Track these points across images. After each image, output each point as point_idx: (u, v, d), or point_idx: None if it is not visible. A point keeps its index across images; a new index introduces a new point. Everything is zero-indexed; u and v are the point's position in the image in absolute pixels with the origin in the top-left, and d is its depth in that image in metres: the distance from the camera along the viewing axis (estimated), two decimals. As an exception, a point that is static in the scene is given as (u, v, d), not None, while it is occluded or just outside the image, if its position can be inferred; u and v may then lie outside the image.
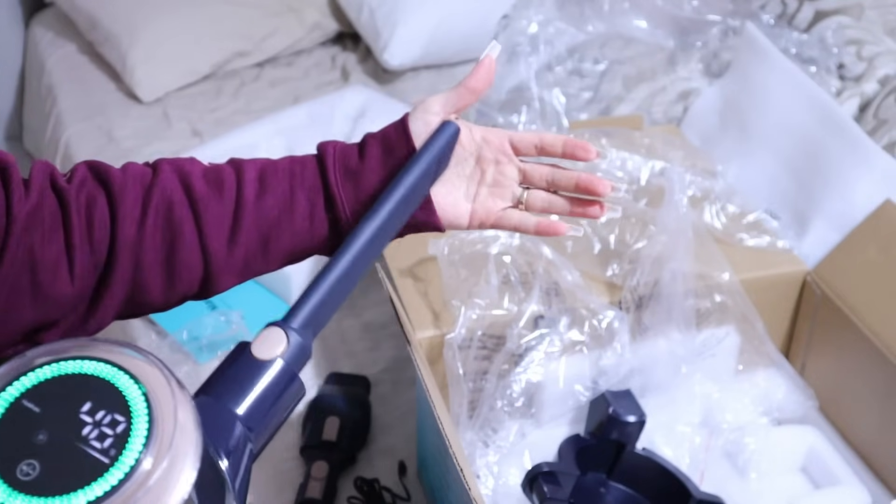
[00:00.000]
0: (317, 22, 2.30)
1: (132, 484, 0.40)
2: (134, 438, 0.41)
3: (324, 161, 0.78)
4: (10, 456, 0.40)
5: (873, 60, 1.58)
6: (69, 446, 0.41)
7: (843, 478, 1.12)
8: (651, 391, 1.13)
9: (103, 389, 0.43)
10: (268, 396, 0.56)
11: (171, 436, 0.41)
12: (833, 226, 1.25)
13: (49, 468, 0.40)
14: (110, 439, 0.41)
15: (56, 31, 2.40)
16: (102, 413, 0.42)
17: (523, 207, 0.82)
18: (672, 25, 1.76)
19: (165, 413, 0.42)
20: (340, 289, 0.66)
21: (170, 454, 0.41)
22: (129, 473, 0.40)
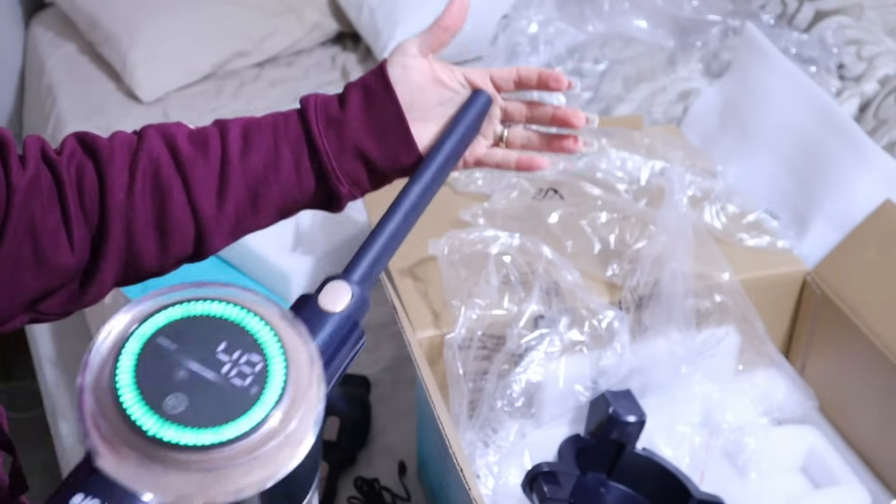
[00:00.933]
0: (317, 22, 2.30)
1: (275, 420, 0.41)
2: (273, 377, 0.43)
3: (306, 113, 0.80)
4: (156, 390, 0.41)
5: (873, 60, 1.58)
6: (212, 382, 0.42)
7: (843, 478, 1.12)
8: (651, 391, 1.13)
9: (235, 330, 0.44)
10: (335, 346, 0.58)
11: (307, 377, 0.43)
12: (833, 226, 1.25)
13: (195, 402, 0.41)
14: (251, 377, 0.43)
15: (56, 31, 2.40)
16: (239, 353, 0.43)
17: (504, 145, 0.85)
18: (672, 25, 1.76)
19: (298, 354, 0.44)
20: (391, 245, 0.70)
21: (306, 399, 0.43)
22: (273, 409, 0.42)
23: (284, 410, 0.42)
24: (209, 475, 0.41)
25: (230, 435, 0.41)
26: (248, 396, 0.42)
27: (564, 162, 1.30)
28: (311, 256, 1.50)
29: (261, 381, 0.43)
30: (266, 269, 1.50)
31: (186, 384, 0.42)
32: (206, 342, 0.44)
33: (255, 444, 0.41)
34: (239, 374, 0.43)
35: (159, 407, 0.41)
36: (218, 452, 0.40)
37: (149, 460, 0.40)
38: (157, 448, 0.40)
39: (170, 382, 0.42)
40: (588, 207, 1.22)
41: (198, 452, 0.40)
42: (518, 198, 1.26)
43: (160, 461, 0.40)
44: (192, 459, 0.40)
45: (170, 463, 0.40)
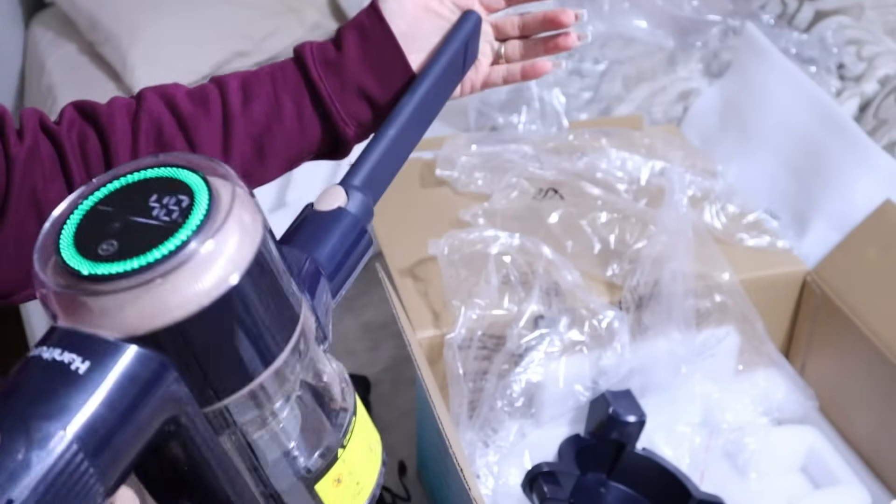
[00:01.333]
0: (317, 22, 2.30)
1: (196, 244, 0.44)
2: (198, 207, 0.45)
3: (303, 59, 0.80)
4: (91, 243, 0.45)
5: (873, 60, 1.58)
6: (140, 224, 0.45)
7: (843, 478, 1.12)
8: (651, 391, 1.13)
9: (170, 183, 0.47)
10: (335, 241, 0.60)
11: (228, 209, 0.45)
12: (833, 226, 1.25)
13: (125, 243, 0.44)
14: (176, 213, 0.45)
15: (56, 30, 2.40)
16: (167, 198, 0.46)
17: (503, 61, 0.86)
18: (672, 25, 1.76)
19: (222, 188, 0.47)
20: (393, 154, 0.72)
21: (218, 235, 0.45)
22: (194, 233, 0.44)
23: (208, 232, 0.44)
24: (148, 298, 0.43)
25: (156, 256, 0.43)
26: (173, 227, 0.45)
27: (565, 162, 1.30)
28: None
29: (185, 214, 0.45)
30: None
31: (118, 232, 0.45)
32: (140, 198, 0.47)
33: (184, 260, 0.43)
34: (167, 213, 0.46)
35: (94, 254, 0.44)
36: (148, 274, 0.43)
37: (93, 301, 0.43)
38: (97, 286, 0.43)
39: (104, 234, 0.45)
40: (588, 207, 1.22)
41: (130, 278, 0.43)
42: (518, 198, 1.26)
43: (103, 298, 0.43)
44: (128, 286, 0.43)
45: (112, 296, 0.43)
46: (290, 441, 0.52)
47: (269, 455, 0.52)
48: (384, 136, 0.72)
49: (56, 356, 0.43)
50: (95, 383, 0.42)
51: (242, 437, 0.50)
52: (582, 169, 1.30)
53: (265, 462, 0.52)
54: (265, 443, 0.51)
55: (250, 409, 0.49)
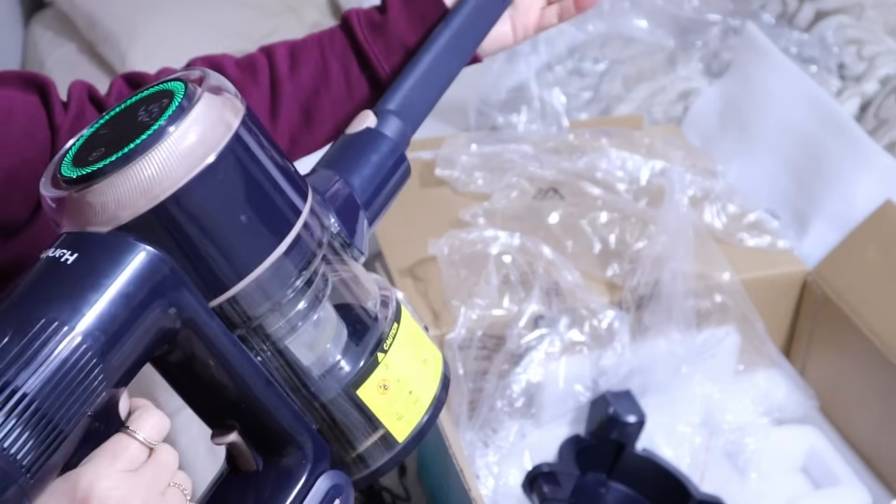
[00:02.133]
0: (317, 22, 2.30)
1: (166, 128, 0.46)
2: (174, 104, 0.48)
3: (349, 24, 0.80)
4: (85, 155, 0.48)
5: (874, 60, 1.57)
6: (126, 128, 0.48)
7: (844, 478, 1.12)
8: (651, 391, 1.13)
9: (157, 94, 0.50)
10: (363, 158, 0.61)
11: (197, 98, 0.48)
12: (833, 226, 1.25)
13: (112, 147, 0.47)
14: (156, 112, 0.48)
15: (55, 30, 2.40)
16: (153, 105, 0.49)
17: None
18: (672, 25, 1.76)
19: (197, 91, 0.49)
20: (430, 81, 0.72)
21: (186, 119, 0.47)
22: (164, 121, 0.47)
23: (176, 119, 0.47)
24: (124, 184, 0.46)
25: (129, 146, 0.46)
26: (148, 123, 0.47)
27: (565, 161, 1.30)
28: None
29: (161, 111, 0.48)
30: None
31: (107, 141, 0.48)
32: (131, 113, 0.50)
33: (152, 143, 0.46)
34: (147, 116, 0.48)
35: (86, 162, 0.47)
36: (122, 162, 0.46)
37: (80, 199, 0.46)
38: (83, 184, 0.46)
39: (95, 146, 0.48)
40: (588, 207, 1.22)
41: (108, 169, 0.46)
42: (518, 198, 1.26)
43: (87, 193, 0.46)
44: (105, 175, 0.46)
45: (94, 189, 0.46)
46: (323, 345, 0.52)
47: (303, 361, 0.52)
48: (418, 62, 0.72)
49: (50, 253, 0.46)
50: (80, 272, 0.45)
51: (273, 345, 0.50)
52: (582, 169, 1.30)
53: (300, 368, 0.52)
54: (297, 348, 0.52)
55: (263, 306, 0.50)
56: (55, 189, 0.48)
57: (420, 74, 0.71)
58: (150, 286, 0.46)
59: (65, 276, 0.45)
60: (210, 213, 0.47)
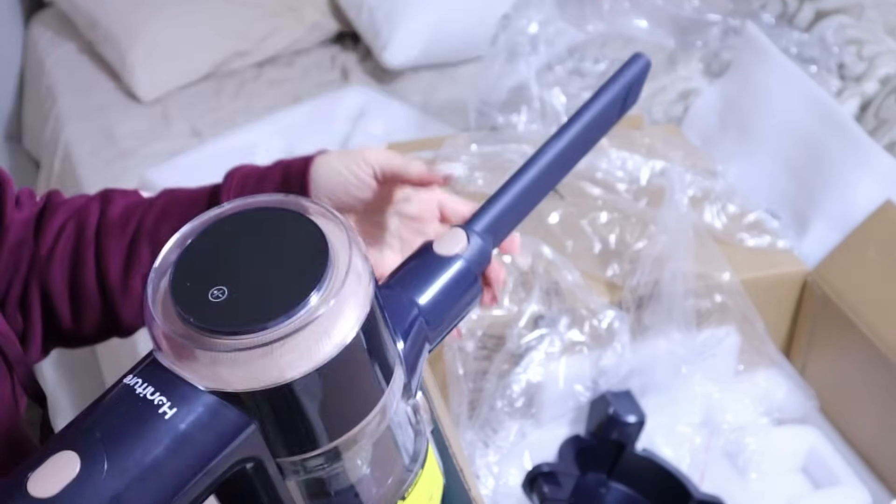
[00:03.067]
0: (317, 22, 2.30)
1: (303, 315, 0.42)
2: (316, 259, 0.44)
3: (220, 189, 0.79)
4: (195, 282, 0.44)
5: (874, 60, 1.57)
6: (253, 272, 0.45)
7: (844, 478, 1.12)
8: (651, 391, 1.13)
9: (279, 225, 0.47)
10: (446, 290, 0.57)
11: (342, 279, 0.44)
12: (833, 226, 1.25)
13: (235, 291, 0.44)
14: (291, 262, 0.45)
15: (55, 30, 2.40)
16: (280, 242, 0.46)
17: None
18: (672, 25, 1.76)
19: (340, 257, 0.45)
20: (524, 201, 0.69)
21: (339, 295, 0.43)
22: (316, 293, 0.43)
23: (320, 299, 0.43)
24: (249, 361, 0.42)
25: (277, 320, 0.42)
26: (290, 281, 0.44)
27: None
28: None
29: (303, 266, 0.44)
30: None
31: (228, 277, 0.45)
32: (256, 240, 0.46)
33: (290, 329, 0.42)
34: (281, 262, 0.45)
35: (204, 298, 0.44)
36: (264, 337, 0.42)
37: (200, 352, 0.43)
38: (207, 337, 0.43)
39: (209, 275, 0.45)
40: (588, 207, 1.22)
41: (243, 338, 0.42)
42: (518, 198, 1.25)
43: (210, 353, 0.43)
44: (240, 346, 0.42)
45: (221, 354, 0.43)
46: (352, 486, 0.51)
47: (331, 490, 0.51)
48: (519, 181, 0.68)
49: (148, 394, 0.43)
50: (177, 429, 0.42)
51: (307, 477, 0.49)
52: (582, 169, 1.30)
53: (325, 497, 0.51)
54: (329, 484, 0.50)
55: (322, 461, 0.48)
56: (167, 319, 0.44)
57: (520, 192, 0.68)
58: (233, 451, 0.44)
59: (162, 432, 0.42)
60: (324, 392, 0.44)
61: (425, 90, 2.09)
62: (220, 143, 1.76)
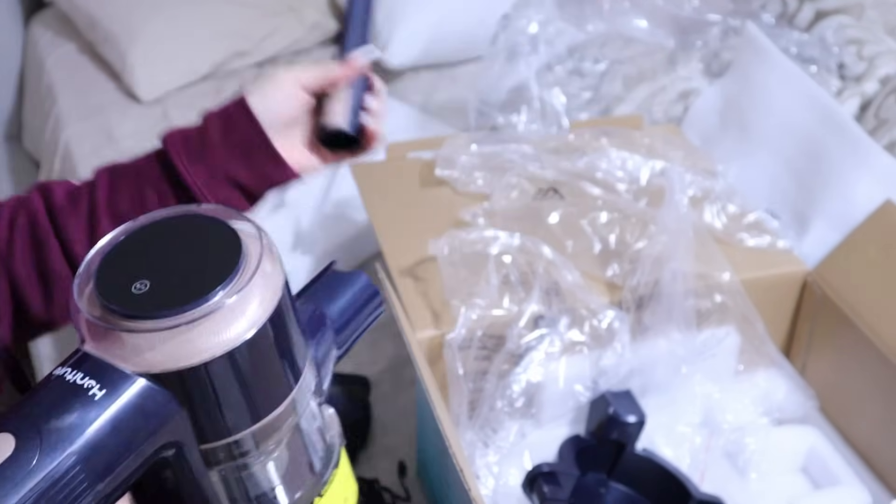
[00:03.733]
0: (317, 22, 2.30)
1: (223, 297, 0.47)
2: (232, 276, 0.49)
3: (168, 152, 0.83)
4: (126, 279, 0.49)
5: (874, 60, 1.57)
6: (171, 268, 0.50)
7: (844, 478, 1.12)
8: (651, 391, 1.13)
9: (200, 229, 0.52)
10: (347, 298, 0.62)
11: (250, 276, 0.49)
12: (833, 226, 1.25)
13: (156, 285, 0.48)
14: (206, 260, 0.50)
15: (55, 30, 2.40)
16: (198, 244, 0.51)
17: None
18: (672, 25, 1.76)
19: (251, 258, 0.50)
20: None
21: (246, 288, 0.48)
22: (223, 286, 0.48)
23: (230, 290, 0.48)
24: (172, 342, 0.47)
25: (188, 306, 0.47)
26: (203, 276, 0.49)
27: (565, 162, 1.30)
28: (311, 256, 1.50)
29: (215, 264, 0.49)
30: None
31: (151, 271, 0.49)
32: (172, 242, 0.51)
33: (201, 314, 0.47)
34: (197, 261, 0.50)
35: (128, 290, 0.48)
36: (176, 320, 0.47)
37: (124, 336, 0.47)
38: (129, 322, 0.47)
39: (137, 271, 0.49)
40: (588, 207, 1.22)
41: (159, 321, 0.47)
42: (518, 198, 1.26)
43: (133, 335, 0.47)
44: (156, 328, 0.47)
45: (141, 335, 0.47)
46: (271, 483, 0.54)
47: (251, 492, 0.54)
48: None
49: (78, 380, 0.47)
50: (107, 409, 0.46)
51: (229, 474, 0.53)
52: (582, 169, 1.30)
53: (246, 500, 0.54)
54: (248, 481, 0.54)
55: (241, 451, 0.52)
56: (92, 308, 0.48)
57: None
58: (162, 432, 0.48)
59: (90, 409, 0.46)
60: (233, 377, 0.49)
61: (425, 90, 2.09)
62: (220, 143, 1.76)
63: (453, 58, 2.16)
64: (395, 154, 1.37)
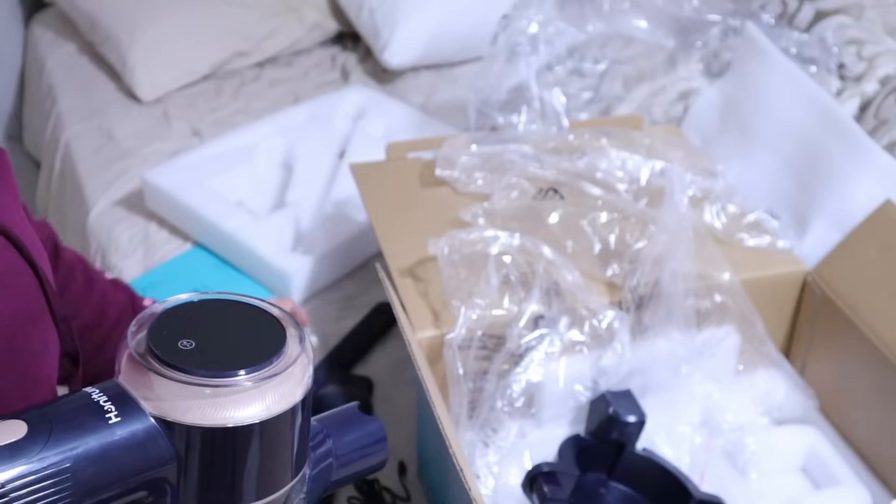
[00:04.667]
0: (317, 22, 2.30)
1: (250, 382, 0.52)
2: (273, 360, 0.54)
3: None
4: (169, 331, 0.53)
5: (873, 60, 1.57)
6: (217, 334, 0.55)
7: (843, 478, 1.12)
8: (651, 391, 1.13)
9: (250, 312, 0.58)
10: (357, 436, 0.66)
11: (280, 371, 0.53)
12: (833, 226, 1.25)
13: (199, 347, 0.53)
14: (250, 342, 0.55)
15: (56, 30, 2.40)
16: (247, 326, 0.56)
17: None
18: (672, 25, 1.76)
19: (288, 355, 0.54)
20: None
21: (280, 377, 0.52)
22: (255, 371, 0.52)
23: (264, 373, 0.52)
24: (195, 401, 0.51)
25: (220, 376, 0.51)
26: (241, 354, 0.53)
27: (565, 162, 1.30)
28: (311, 256, 1.50)
29: (256, 348, 0.54)
30: (266, 269, 1.50)
31: (195, 331, 0.54)
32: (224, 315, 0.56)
33: (226, 384, 0.51)
34: (244, 343, 0.55)
35: (174, 344, 0.53)
36: (205, 384, 0.51)
37: (156, 379, 0.51)
38: (167, 370, 0.51)
39: (182, 328, 0.54)
40: (588, 207, 1.22)
41: (191, 378, 0.51)
42: (518, 198, 1.26)
43: (164, 382, 0.51)
44: (186, 382, 0.51)
45: (171, 384, 0.51)
46: None
47: None
48: None
49: (101, 401, 0.52)
50: (115, 433, 0.51)
51: None
52: (582, 169, 1.30)
53: None
54: None
55: None
56: (139, 348, 0.53)
57: None
58: (152, 482, 0.52)
59: (101, 431, 0.51)
60: (234, 452, 0.53)
61: (425, 90, 2.09)
62: (220, 143, 1.76)
63: (453, 58, 2.16)
64: (395, 154, 1.37)
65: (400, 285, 1.14)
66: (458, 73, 2.12)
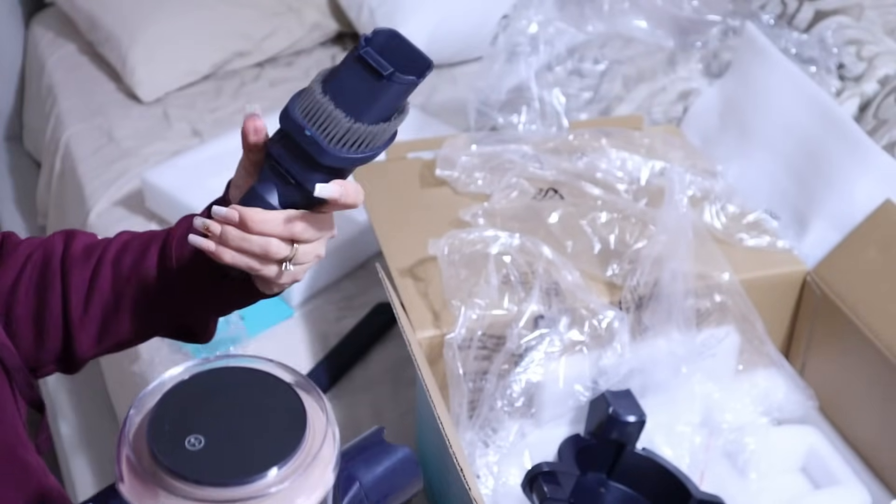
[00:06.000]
0: (317, 22, 2.30)
1: (272, 476, 0.45)
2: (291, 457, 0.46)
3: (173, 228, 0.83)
4: (173, 426, 0.46)
5: (873, 60, 1.58)
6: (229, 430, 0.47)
7: (843, 478, 1.12)
8: (651, 391, 1.13)
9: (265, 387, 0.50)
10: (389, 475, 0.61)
11: (309, 462, 0.46)
12: (833, 226, 1.25)
13: (210, 446, 0.46)
14: (269, 433, 0.47)
15: (56, 31, 2.40)
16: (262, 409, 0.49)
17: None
18: (672, 25, 1.76)
19: (315, 436, 0.47)
20: None
21: (301, 476, 0.45)
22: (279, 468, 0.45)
23: (285, 471, 0.45)
24: None
25: (240, 483, 0.44)
26: (261, 451, 0.46)
27: (565, 162, 1.30)
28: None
29: (276, 442, 0.46)
30: (266, 269, 1.50)
31: (206, 428, 0.46)
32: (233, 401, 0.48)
33: (249, 495, 0.44)
34: (259, 428, 0.47)
35: (181, 443, 0.45)
36: (215, 491, 0.44)
37: (161, 492, 0.44)
38: (172, 478, 0.44)
39: (188, 422, 0.47)
40: (588, 207, 1.22)
41: (203, 489, 0.44)
42: (518, 198, 1.26)
43: (171, 497, 0.44)
44: (196, 496, 0.44)
45: (177, 499, 0.44)
46: None
47: None
48: None
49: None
50: None
51: None
52: (582, 169, 1.30)
53: None
54: None
55: None
56: (140, 454, 0.46)
57: None
58: None
59: None
60: None
61: (425, 90, 2.08)
62: (220, 143, 1.76)
63: (453, 58, 2.16)
64: (395, 154, 1.37)
65: (400, 285, 1.14)
66: (458, 74, 2.13)
